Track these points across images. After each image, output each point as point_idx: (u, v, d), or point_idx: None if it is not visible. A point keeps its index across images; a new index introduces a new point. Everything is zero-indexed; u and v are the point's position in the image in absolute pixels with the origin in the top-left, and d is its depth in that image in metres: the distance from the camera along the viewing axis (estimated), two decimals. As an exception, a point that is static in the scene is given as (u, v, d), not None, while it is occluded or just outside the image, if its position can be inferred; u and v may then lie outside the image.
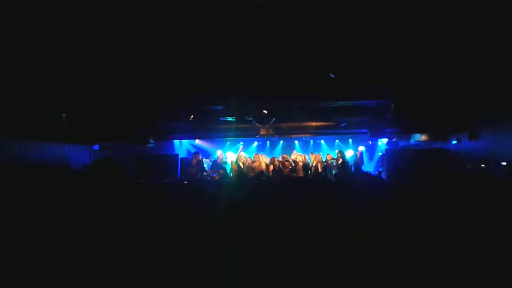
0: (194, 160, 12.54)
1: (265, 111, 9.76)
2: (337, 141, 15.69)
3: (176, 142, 14.59)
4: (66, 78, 7.39)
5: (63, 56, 6.68)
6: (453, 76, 7.28)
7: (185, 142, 15.10)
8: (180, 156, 13.57)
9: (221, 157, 13.54)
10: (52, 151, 9.57)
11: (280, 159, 12.86)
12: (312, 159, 13.03)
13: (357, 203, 4.36)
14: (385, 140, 14.02)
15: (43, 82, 7.20)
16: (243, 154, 14.03)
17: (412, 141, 12.41)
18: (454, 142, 11.14)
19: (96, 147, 11.49)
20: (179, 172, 12.60)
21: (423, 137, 11.72)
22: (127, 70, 7.52)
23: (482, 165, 8.62)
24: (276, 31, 6.11)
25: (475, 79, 7.18)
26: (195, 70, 7.55)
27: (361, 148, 14.39)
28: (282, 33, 6.16)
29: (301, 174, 11.84)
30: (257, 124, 10.15)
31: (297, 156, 13.52)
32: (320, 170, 12.18)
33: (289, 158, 12.97)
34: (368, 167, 13.88)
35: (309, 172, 12.08)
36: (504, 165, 7.81)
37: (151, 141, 11.37)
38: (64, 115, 8.33)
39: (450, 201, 4.66)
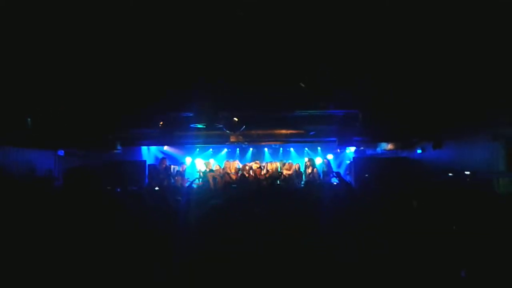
0: (162, 167, 12.41)
1: (235, 119, 9.75)
2: (306, 149, 15.85)
3: (144, 148, 14.36)
4: (32, 81, 7.16)
5: (29, 59, 6.48)
6: (419, 87, 7.48)
7: (153, 148, 14.89)
8: (148, 162, 13.38)
9: (184, 167, 13.56)
10: (16, 156, 9.25)
11: (253, 166, 12.91)
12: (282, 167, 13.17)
13: (328, 215, 4.40)
14: (353, 149, 14.27)
15: (8, 85, 6.96)
16: (212, 161, 14.01)
17: (378, 149, 12.70)
18: (419, 151, 11.44)
19: (61, 152, 11.17)
20: (146, 179, 12.41)
21: (390, 146, 12.02)
22: (94, 74, 7.36)
23: (450, 174, 8.87)
24: (248, 39, 6.12)
25: (440, 91, 7.40)
26: (165, 76, 7.46)
27: (329, 156, 14.60)
28: (255, 41, 6.17)
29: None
30: (227, 131, 10.11)
31: (268, 164, 13.63)
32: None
33: (261, 165, 13.06)
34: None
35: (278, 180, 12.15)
36: (467, 174, 8.06)
37: (118, 147, 11.15)
38: (29, 119, 8.06)
39: (421, 209, 4.76)
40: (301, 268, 3.11)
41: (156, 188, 6.59)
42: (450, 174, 8.90)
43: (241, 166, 13.65)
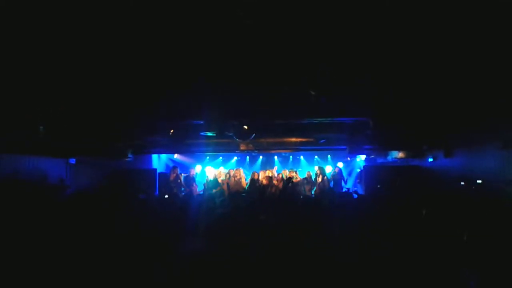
0: (172, 175, 12.44)
1: (245, 127, 9.76)
2: (316, 157, 15.80)
3: (155, 156, 14.43)
4: (44, 89, 7.25)
5: (41, 68, 6.56)
6: (430, 95, 7.44)
7: (163, 156, 14.95)
8: (159, 171, 13.44)
9: (193, 172, 13.54)
10: (28, 164, 9.35)
11: (266, 174, 12.92)
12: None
13: (337, 223, 4.38)
14: (363, 157, 14.19)
15: (20, 93, 7.05)
16: (222, 169, 14.02)
17: (389, 158, 12.60)
18: (430, 159, 11.35)
19: (73, 160, 11.27)
20: (157, 188, 12.45)
21: (400, 154, 11.92)
22: (106, 83, 7.43)
23: (462, 183, 8.78)
24: (258, 47, 6.14)
25: (451, 99, 7.35)
26: (176, 84, 7.51)
27: (340, 165, 14.53)
28: (265, 49, 6.20)
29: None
30: (237, 140, 10.13)
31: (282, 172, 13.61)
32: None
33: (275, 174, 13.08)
34: (347, 183, 14.00)
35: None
36: (478, 183, 7.98)
37: (129, 155, 11.22)
38: (41, 127, 8.15)
39: (432, 217, 4.73)
40: (306, 274, 3.10)
41: (166, 196, 6.60)
42: (462, 183, 8.80)
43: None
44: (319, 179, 12.76)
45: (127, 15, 5.33)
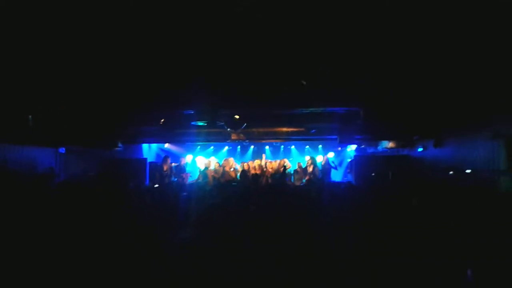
0: (165, 166, 12.40)
1: (236, 116, 9.74)
2: (307, 147, 15.84)
3: (145, 146, 14.35)
4: (33, 79, 7.16)
5: (29, 57, 6.47)
6: (420, 85, 7.46)
7: (154, 146, 14.88)
8: (149, 160, 13.38)
9: (183, 161, 13.50)
10: (18, 153, 9.26)
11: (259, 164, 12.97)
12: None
13: (328, 212, 4.40)
14: (354, 147, 14.26)
15: (9, 83, 6.96)
16: (213, 159, 14.01)
17: (380, 148, 12.67)
18: (420, 149, 11.43)
19: (62, 150, 11.18)
20: (147, 177, 12.41)
21: (391, 144, 11.99)
22: (95, 71, 7.35)
23: (450, 172, 8.86)
24: (248, 37, 6.10)
25: (441, 89, 7.38)
26: (166, 73, 7.45)
27: (330, 155, 14.58)
28: (255, 38, 6.16)
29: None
30: (228, 129, 10.11)
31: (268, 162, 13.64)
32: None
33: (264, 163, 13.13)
34: (337, 173, 14.06)
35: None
36: (468, 173, 8.05)
37: (119, 144, 11.16)
38: (30, 117, 8.06)
39: (421, 206, 4.76)
40: (299, 265, 3.12)
41: (156, 186, 6.58)
42: (451, 173, 8.88)
43: (240, 164, 13.70)
44: (310, 169, 12.81)
45: (119, 8, 5.27)
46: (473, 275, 3.35)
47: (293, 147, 15.97)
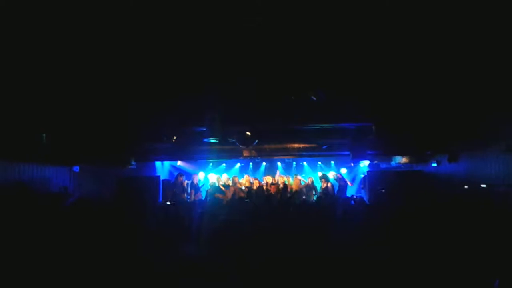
0: (178, 183, 12.43)
1: (248, 133, 9.76)
2: (319, 163, 15.76)
3: (158, 163, 14.43)
4: (46, 98, 7.28)
5: (43, 77, 6.59)
6: (434, 100, 7.43)
7: (166, 163, 14.95)
8: (162, 178, 13.44)
9: (196, 179, 13.50)
10: (32, 172, 9.37)
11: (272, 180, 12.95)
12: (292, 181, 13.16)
13: (340, 229, 4.36)
14: (366, 162, 14.15)
15: (23, 102, 7.08)
16: (225, 176, 14.02)
17: (393, 163, 12.56)
18: (434, 164, 11.31)
19: (76, 168, 11.29)
20: (161, 195, 12.45)
21: (404, 160, 11.88)
22: (108, 90, 7.46)
23: (465, 187, 8.75)
24: (260, 54, 6.15)
25: (454, 104, 7.34)
26: (178, 91, 7.52)
27: (343, 171, 14.49)
28: (266, 55, 6.20)
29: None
30: (240, 146, 10.13)
31: (280, 178, 13.62)
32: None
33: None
34: (351, 189, 13.95)
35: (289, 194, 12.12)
36: (483, 187, 7.94)
37: (132, 162, 11.23)
38: (44, 135, 8.17)
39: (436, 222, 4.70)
40: (310, 281, 3.09)
41: (168, 203, 6.60)
42: (466, 187, 8.77)
43: (253, 180, 13.68)
44: (323, 185, 12.72)
45: (130, 23, 5.36)
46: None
47: (305, 163, 15.90)
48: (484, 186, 8.02)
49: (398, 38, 5.71)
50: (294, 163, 15.82)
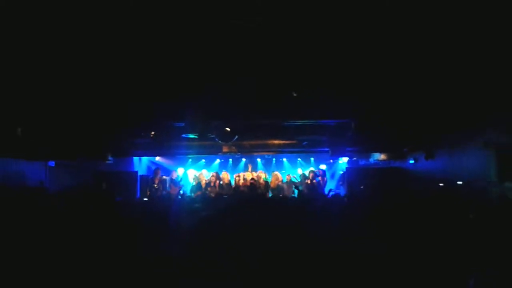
0: (156, 178, 12.28)
1: (227, 129, 9.71)
2: (299, 159, 15.81)
3: (136, 158, 14.24)
4: (23, 91, 7.09)
5: (20, 69, 6.42)
6: (412, 98, 7.51)
7: (144, 158, 14.77)
8: (140, 173, 13.27)
9: (175, 175, 13.34)
10: (7, 166, 9.13)
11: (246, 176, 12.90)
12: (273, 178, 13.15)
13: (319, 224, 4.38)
14: (346, 159, 14.27)
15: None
16: (204, 172, 13.94)
17: (371, 160, 12.70)
18: (412, 161, 11.47)
19: (52, 163, 11.06)
20: (138, 190, 12.29)
21: (382, 156, 12.03)
22: (85, 84, 7.30)
23: (440, 184, 8.89)
24: (241, 49, 6.11)
25: (432, 101, 7.43)
26: (156, 86, 7.42)
27: (323, 167, 14.58)
28: (248, 51, 6.16)
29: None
30: (219, 142, 10.07)
31: (259, 173, 13.61)
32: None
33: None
34: (330, 185, 14.04)
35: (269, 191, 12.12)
36: (460, 184, 8.07)
37: (109, 157, 11.06)
38: (19, 129, 7.97)
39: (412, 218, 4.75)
40: (290, 274, 3.08)
41: (145, 199, 6.51)
42: (441, 184, 8.90)
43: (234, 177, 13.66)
44: (309, 182, 12.70)
45: (113, 17, 5.26)
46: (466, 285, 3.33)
47: (285, 159, 15.93)
48: (460, 183, 8.16)
49: (379, 37, 5.74)
50: (274, 159, 15.83)
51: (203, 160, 15.62)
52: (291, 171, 14.77)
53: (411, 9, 5.03)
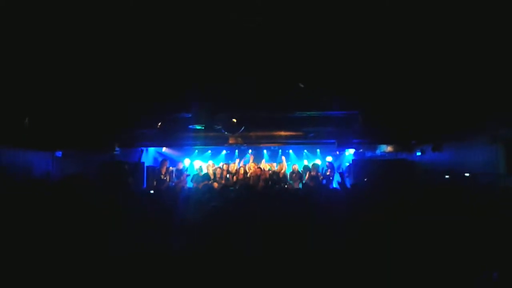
0: (163, 169, 12.31)
1: (234, 120, 9.69)
2: (305, 151, 15.80)
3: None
4: (30, 82, 7.12)
5: (27, 59, 6.44)
6: (419, 90, 7.45)
7: (151, 149, 14.81)
8: (147, 164, 13.30)
9: (181, 166, 13.35)
10: (13, 157, 9.15)
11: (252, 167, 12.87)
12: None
13: (324, 216, 4.36)
14: (352, 151, 14.23)
15: (6, 85, 6.92)
16: (211, 163, 13.95)
17: (378, 152, 12.65)
18: (419, 153, 11.41)
19: (59, 153, 11.09)
20: (145, 181, 12.33)
21: (389, 148, 11.98)
22: (93, 75, 7.32)
23: (446, 176, 8.84)
24: (248, 41, 6.09)
25: (440, 94, 7.38)
26: (163, 76, 7.42)
27: (329, 159, 14.55)
28: (254, 43, 6.15)
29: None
30: (225, 133, 10.07)
31: (266, 165, 13.60)
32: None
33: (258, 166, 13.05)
34: (336, 177, 14.01)
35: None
36: (467, 176, 8.03)
37: (116, 148, 11.09)
38: (26, 120, 8.00)
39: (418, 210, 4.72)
40: (297, 267, 3.08)
41: (151, 192, 6.53)
42: (447, 177, 8.85)
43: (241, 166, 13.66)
44: (313, 173, 12.68)
45: (118, 9, 5.26)
46: (471, 279, 3.32)
47: (291, 151, 15.92)
48: (468, 175, 8.11)
49: (386, 30, 5.71)
50: (280, 150, 15.82)
51: (210, 151, 15.65)
52: (297, 163, 14.76)
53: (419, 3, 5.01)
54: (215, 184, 11.77)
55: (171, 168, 13.08)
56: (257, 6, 5.15)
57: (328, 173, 12.88)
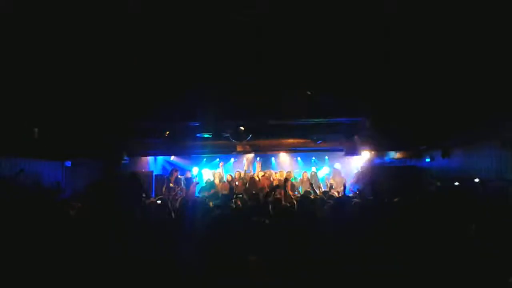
0: (172, 177, 12.33)
1: (241, 128, 9.71)
2: (313, 158, 15.72)
3: (151, 158, 14.33)
4: (40, 92, 7.19)
5: (36, 70, 6.51)
6: (428, 96, 7.42)
7: (160, 158, 14.86)
8: (155, 173, 13.34)
9: (189, 174, 13.35)
10: (23, 167, 9.23)
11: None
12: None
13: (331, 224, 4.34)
14: (361, 157, 14.11)
15: (14, 96, 7.00)
16: (219, 171, 13.92)
17: (387, 158, 12.57)
18: (428, 159, 11.33)
19: (68, 163, 11.17)
20: (153, 190, 12.35)
21: (398, 155, 11.90)
22: (100, 84, 7.38)
23: (456, 183, 8.76)
24: (253, 47, 6.11)
25: (449, 99, 7.34)
26: (172, 85, 7.47)
27: (337, 166, 14.45)
28: (260, 49, 6.17)
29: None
30: (233, 141, 10.08)
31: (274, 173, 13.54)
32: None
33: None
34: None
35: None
36: (477, 182, 7.95)
37: (125, 157, 11.14)
38: (36, 130, 8.07)
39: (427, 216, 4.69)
40: (303, 276, 3.06)
41: (158, 202, 6.55)
42: (457, 183, 8.78)
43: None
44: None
45: (123, 18, 5.31)
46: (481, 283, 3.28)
47: (299, 158, 15.86)
48: (478, 180, 8.03)
49: (392, 34, 5.71)
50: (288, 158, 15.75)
51: (218, 159, 15.64)
52: (305, 170, 14.66)
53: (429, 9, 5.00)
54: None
55: (179, 176, 13.09)
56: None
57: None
